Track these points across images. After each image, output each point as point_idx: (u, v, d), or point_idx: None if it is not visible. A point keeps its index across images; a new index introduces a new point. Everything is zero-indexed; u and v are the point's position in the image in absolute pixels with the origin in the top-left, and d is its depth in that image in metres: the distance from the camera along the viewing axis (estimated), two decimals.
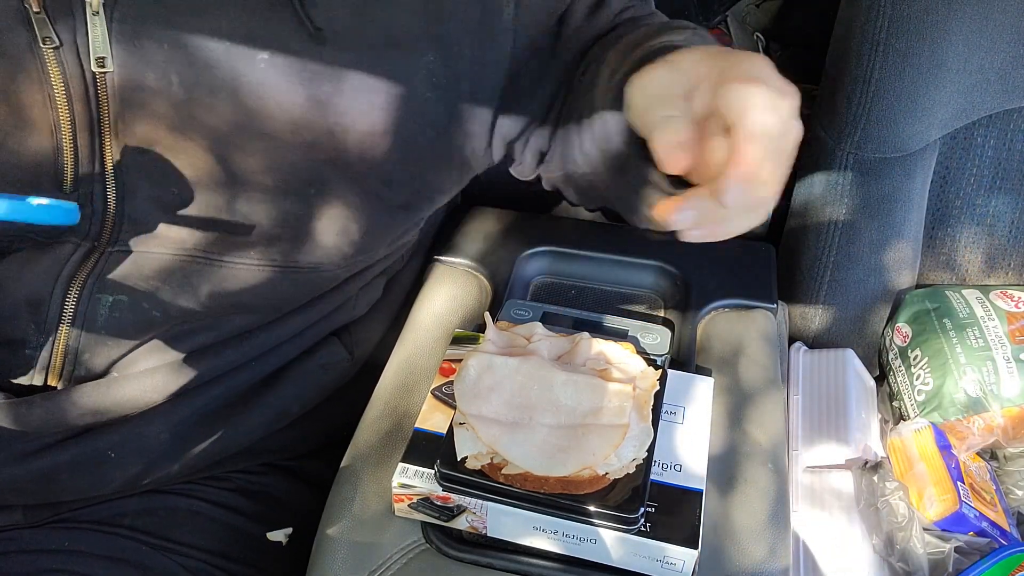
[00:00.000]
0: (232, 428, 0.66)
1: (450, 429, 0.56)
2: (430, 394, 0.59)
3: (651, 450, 0.54)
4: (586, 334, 0.60)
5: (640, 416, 0.54)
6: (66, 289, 0.58)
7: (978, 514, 0.78)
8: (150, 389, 0.61)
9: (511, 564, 0.55)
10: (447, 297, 0.74)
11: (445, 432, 0.56)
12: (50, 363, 0.59)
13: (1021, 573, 0.72)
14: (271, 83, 0.58)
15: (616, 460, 0.52)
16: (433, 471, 0.54)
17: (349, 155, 0.60)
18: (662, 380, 0.59)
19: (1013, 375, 0.83)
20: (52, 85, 0.56)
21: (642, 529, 0.52)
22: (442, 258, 0.79)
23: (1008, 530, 0.80)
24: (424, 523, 0.57)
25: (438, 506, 0.55)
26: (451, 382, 0.59)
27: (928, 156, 0.89)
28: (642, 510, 0.51)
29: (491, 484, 0.53)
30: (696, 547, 0.51)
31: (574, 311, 0.69)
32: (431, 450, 0.55)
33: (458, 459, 0.53)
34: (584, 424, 0.53)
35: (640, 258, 0.77)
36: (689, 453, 0.57)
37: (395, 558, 0.55)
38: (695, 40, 0.58)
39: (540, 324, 0.62)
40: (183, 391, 0.63)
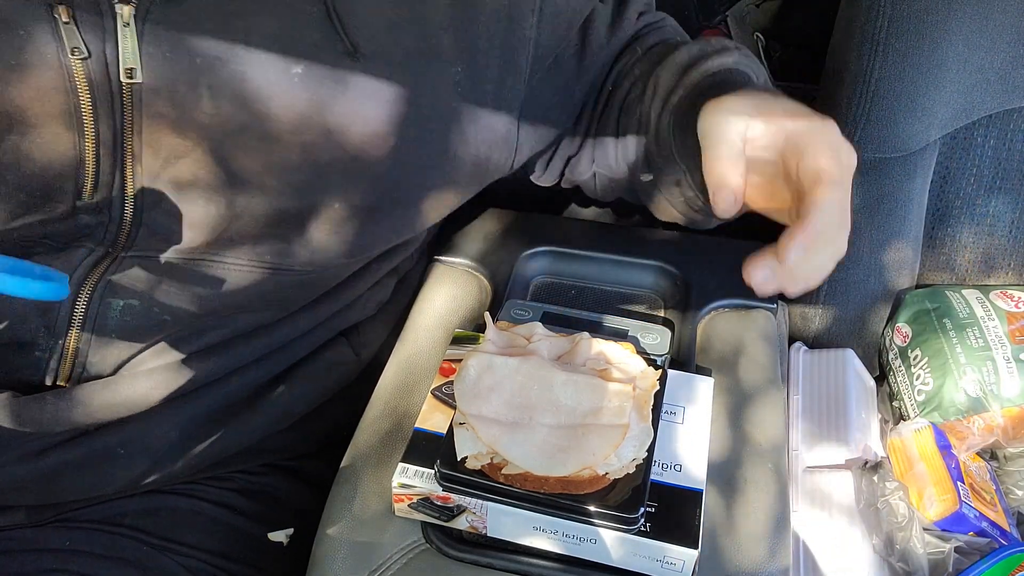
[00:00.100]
0: (237, 427, 0.66)
1: (450, 429, 0.56)
2: (430, 394, 0.60)
3: (651, 450, 0.54)
4: (586, 334, 0.60)
5: (640, 416, 0.54)
6: (77, 293, 0.59)
7: (978, 514, 0.78)
8: (158, 387, 0.61)
9: (511, 564, 0.55)
10: (447, 297, 0.74)
11: (445, 432, 0.56)
12: (59, 365, 0.60)
13: (1021, 573, 0.72)
14: (304, 96, 0.58)
15: (616, 460, 0.52)
16: (433, 471, 0.54)
17: (375, 164, 0.61)
18: (662, 380, 0.59)
19: (1013, 375, 0.83)
20: (79, 96, 0.56)
21: (642, 529, 0.52)
22: (442, 258, 0.79)
23: (1008, 530, 0.80)
24: (424, 523, 0.57)
25: (438, 506, 0.55)
26: (451, 382, 0.59)
27: (928, 156, 0.89)
28: (642, 510, 0.52)
29: (491, 484, 0.53)
30: (696, 547, 0.51)
31: (574, 311, 0.69)
32: (431, 450, 0.55)
33: (458, 459, 0.53)
34: (584, 424, 0.53)
35: (640, 258, 0.77)
36: (689, 453, 0.57)
37: (395, 558, 0.55)
38: (743, 61, 0.63)
39: (540, 324, 0.62)
40: (191, 389, 0.63)
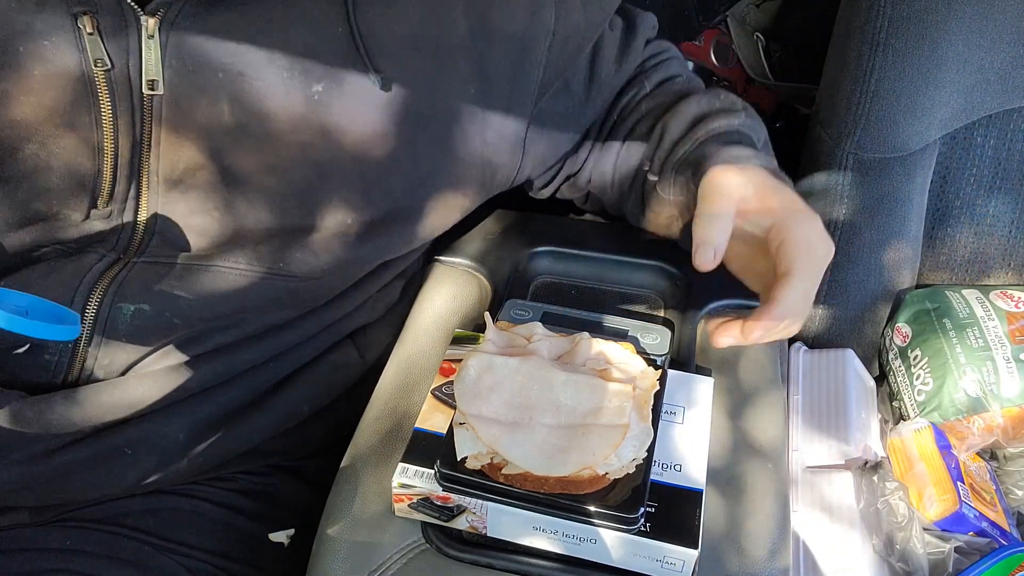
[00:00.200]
0: (242, 428, 0.66)
1: (450, 429, 0.56)
2: (430, 394, 0.60)
3: (651, 450, 0.54)
4: (586, 334, 0.60)
5: (640, 416, 0.54)
6: (87, 297, 0.59)
7: (978, 514, 0.78)
8: (167, 389, 0.61)
9: (511, 564, 0.55)
10: (447, 297, 0.74)
11: (445, 432, 0.56)
12: (68, 368, 0.60)
13: (1021, 573, 0.72)
14: (322, 114, 0.59)
15: (616, 460, 0.52)
16: (433, 471, 0.54)
17: (387, 180, 0.63)
18: (662, 380, 0.59)
19: (1013, 375, 0.83)
20: (100, 107, 0.56)
21: (642, 529, 0.52)
22: (442, 258, 0.79)
23: (1008, 530, 0.80)
24: (424, 523, 0.57)
25: (438, 506, 0.55)
26: (451, 382, 0.59)
27: (928, 156, 0.89)
28: (642, 510, 0.52)
29: (491, 484, 0.53)
30: (696, 547, 0.51)
31: (574, 311, 0.69)
32: (431, 450, 0.55)
33: (458, 459, 0.53)
34: (584, 424, 0.53)
35: (640, 258, 0.77)
36: (689, 453, 0.57)
37: (395, 558, 0.55)
38: (748, 123, 0.67)
39: (540, 324, 0.62)
40: (199, 391, 0.63)
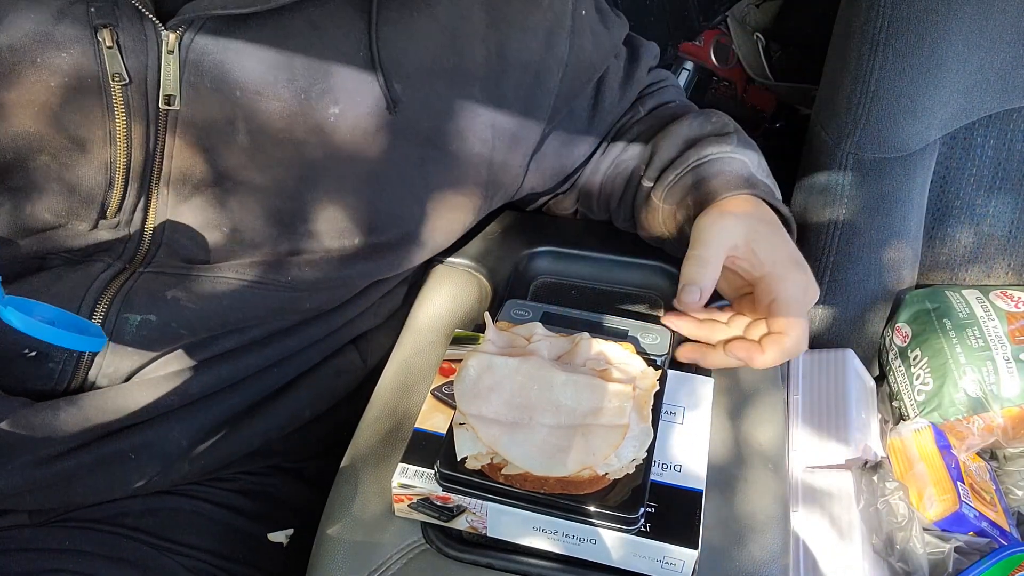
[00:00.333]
0: (245, 432, 0.66)
1: (450, 429, 0.56)
2: (430, 394, 0.59)
3: (651, 450, 0.54)
4: (586, 334, 0.60)
5: (640, 416, 0.54)
6: (93, 307, 0.59)
7: (978, 514, 0.78)
8: (171, 394, 0.61)
9: (511, 564, 0.55)
10: (447, 297, 0.74)
11: (445, 432, 0.56)
12: (72, 375, 0.60)
13: (1021, 573, 0.72)
14: (337, 135, 0.60)
15: (616, 460, 0.52)
16: (433, 471, 0.54)
17: (398, 203, 0.64)
18: (662, 380, 0.59)
19: (1013, 375, 0.83)
20: (115, 122, 0.56)
21: (642, 529, 0.52)
22: (442, 258, 0.79)
23: (1008, 530, 0.80)
24: (424, 523, 0.57)
25: (438, 506, 0.55)
26: (451, 382, 0.59)
27: (928, 156, 0.89)
28: (642, 510, 0.51)
29: (491, 484, 0.53)
30: (696, 547, 0.51)
31: (574, 311, 0.69)
32: (431, 450, 0.55)
33: (458, 459, 0.53)
34: (584, 424, 0.53)
35: (640, 258, 0.77)
36: (689, 453, 0.57)
37: (395, 558, 0.55)
38: (740, 149, 0.69)
39: (540, 324, 0.62)
40: (203, 396, 0.63)
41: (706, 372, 0.65)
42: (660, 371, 0.59)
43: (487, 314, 0.61)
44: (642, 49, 0.78)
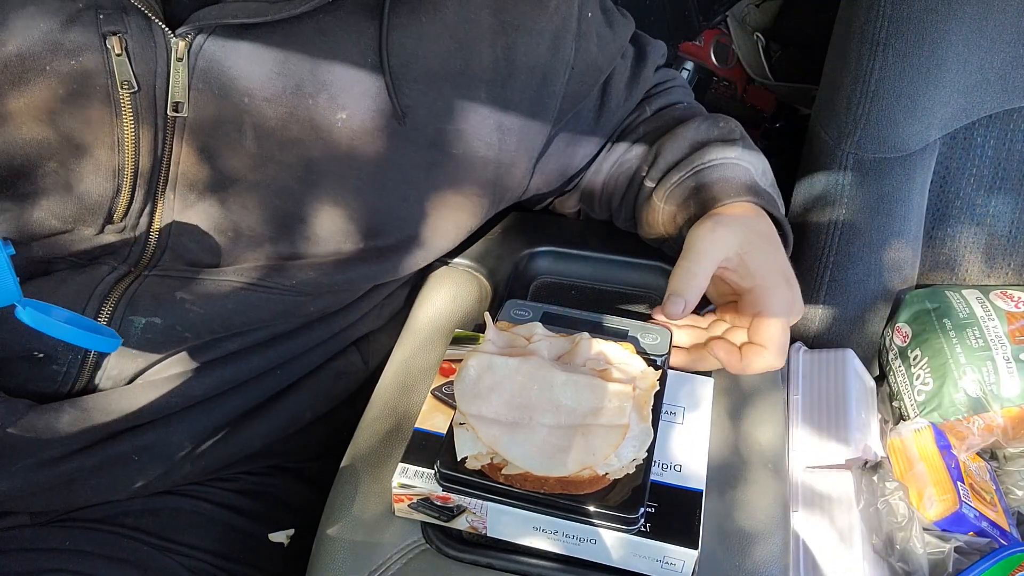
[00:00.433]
0: (246, 433, 0.66)
1: (450, 429, 0.56)
2: (430, 394, 0.59)
3: (651, 450, 0.54)
4: (586, 334, 0.60)
5: (640, 416, 0.54)
6: (98, 309, 0.59)
7: (978, 514, 0.78)
8: (174, 396, 0.62)
9: (511, 564, 0.55)
10: (447, 297, 0.74)
11: (445, 432, 0.56)
12: (76, 377, 0.60)
13: (1021, 573, 0.72)
14: (343, 139, 0.60)
15: (616, 460, 0.52)
16: (433, 471, 0.54)
17: (404, 207, 0.65)
18: (662, 380, 0.59)
19: (1013, 375, 0.83)
20: (123, 129, 0.56)
21: (642, 529, 0.52)
22: (442, 258, 0.79)
23: (1008, 530, 0.80)
24: (424, 523, 0.57)
25: (438, 506, 0.55)
26: (451, 382, 0.59)
27: (928, 156, 0.89)
28: (642, 510, 0.51)
29: (491, 484, 0.53)
30: (696, 547, 0.51)
31: (574, 311, 0.69)
32: (431, 450, 0.55)
33: (458, 459, 0.53)
34: (584, 424, 0.53)
35: (640, 258, 0.77)
36: (689, 453, 0.57)
37: (395, 558, 0.55)
38: (745, 155, 0.69)
39: (540, 324, 0.62)
40: (206, 398, 0.63)
41: (706, 372, 0.65)
42: (660, 371, 0.59)
43: (487, 314, 0.61)
44: (649, 48, 0.78)
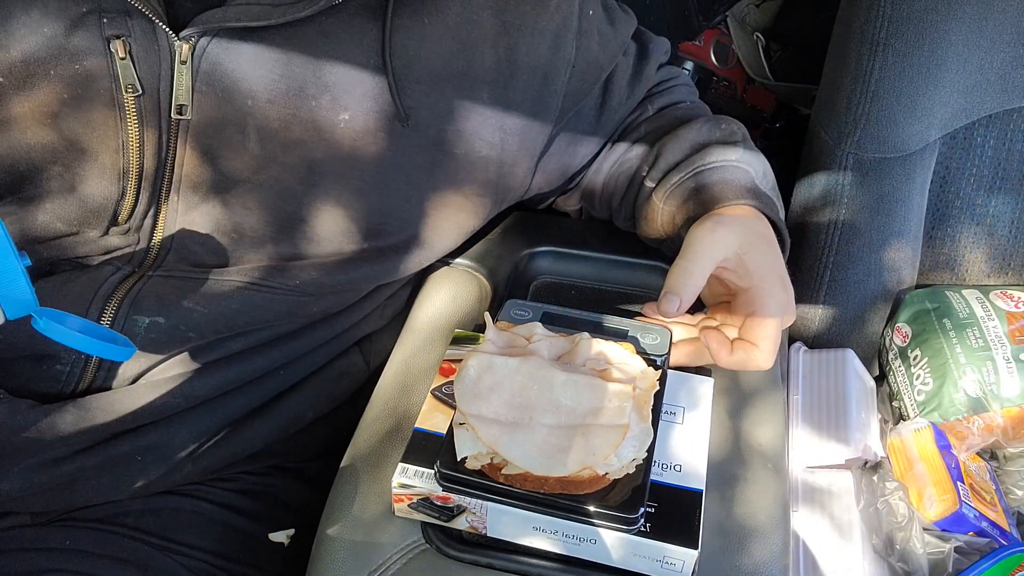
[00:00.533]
0: (248, 433, 0.67)
1: (450, 429, 0.56)
2: (430, 394, 0.60)
3: (651, 450, 0.54)
4: (586, 334, 0.60)
5: (640, 416, 0.54)
6: (101, 309, 0.59)
7: (978, 514, 0.78)
8: (177, 396, 0.62)
9: (511, 564, 0.55)
10: (447, 297, 0.74)
11: (445, 432, 0.56)
12: (80, 377, 0.60)
13: (1021, 573, 0.72)
14: (348, 141, 0.60)
15: (616, 460, 0.52)
16: (433, 471, 0.54)
17: (406, 207, 0.65)
18: (662, 380, 0.59)
19: (1013, 375, 0.83)
20: (127, 133, 0.56)
21: (642, 529, 0.52)
22: (443, 259, 0.79)
23: (1008, 530, 0.80)
24: (424, 523, 0.57)
25: (438, 506, 0.55)
26: (451, 382, 0.59)
27: (928, 156, 0.89)
28: (642, 510, 0.51)
29: (491, 484, 0.53)
30: (696, 547, 0.51)
31: (574, 311, 0.69)
32: (431, 450, 0.55)
33: (458, 459, 0.53)
34: (584, 424, 0.53)
35: (640, 258, 0.77)
36: (689, 453, 0.57)
37: (395, 558, 0.55)
38: (745, 157, 0.69)
39: (540, 324, 0.62)
40: (211, 397, 0.63)
41: (706, 372, 0.65)
42: (660, 371, 0.59)
43: (487, 314, 0.61)
44: (651, 46, 0.77)
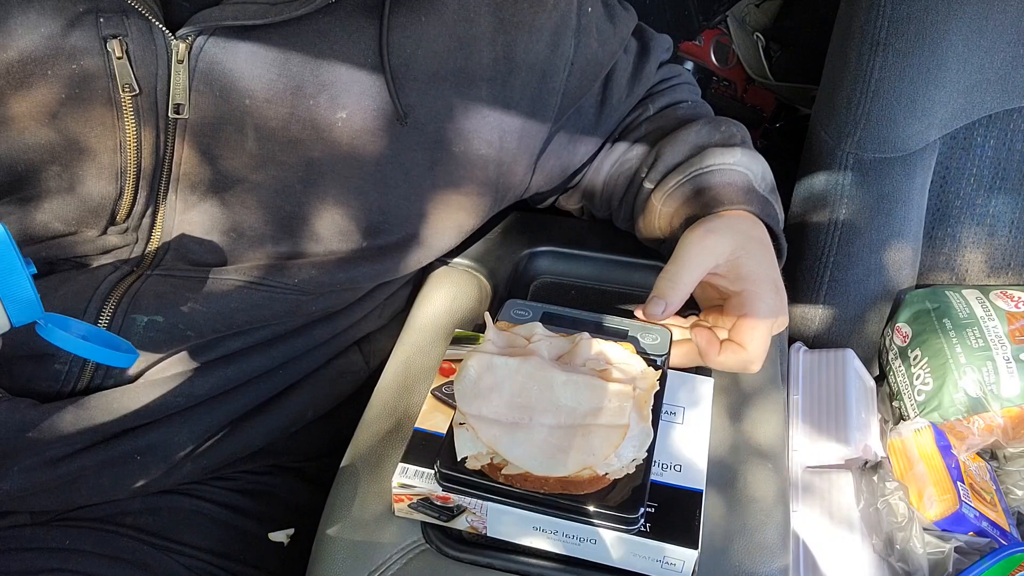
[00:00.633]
0: (248, 432, 0.66)
1: (450, 429, 0.56)
2: (430, 394, 0.59)
3: (651, 450, 0.54)
4: (586, 334, 0.60)
5: (640, 416, 0.54)
6: (100, 308, 0.59)
7: (978, 514, 0.78)
8: (177, 395, 0.61)
9: (511, 564, 0.55)
10: (447, 297, 0.74)
11: (445, 432, 0.56)
12: (78, 376, 0.60)
13: (1021, 573, 0.72)
14: (346, 139, 0.60)
15: (616, 460, 0.52)
16: (433, 471, 0.54)
17: (406, 204, 0.64)
18: (662, 380, 0.59)
19: (1013, 375, 0.83)
20: (125, 132, 0.56)
21: (642, 529, 0.52)
22: (442, 258, 0.79)
23: (1008, 530, 0.80)
24: (424, 523, 0.57)
25: (438, 506, 0.55)
26: (451, 382, 0.59)
27: (928, 156, 0.89)
28: (642, 510, 0.51)
29: (491, 484, 0.53)
30: (696, 547, 0.51)
31: (574, 311, 0.69)
32: (431, 450, 0.55)
33: (458, 459, 0.53)
34: (584, 424, 0.53)
35: (640, 258, 0.77)
36: (689, 453, 0.57)
37: (395, 558, 0.55)
38: (744, 160, 0.68)
39: (540, 324, 0.62)
40: (210, 396, 0.63)
41: (706, 372, 0.65)
42: (660, 371, 0.59)
43: (487, 314, 0.61)
44: (652, 43, 0.77)
